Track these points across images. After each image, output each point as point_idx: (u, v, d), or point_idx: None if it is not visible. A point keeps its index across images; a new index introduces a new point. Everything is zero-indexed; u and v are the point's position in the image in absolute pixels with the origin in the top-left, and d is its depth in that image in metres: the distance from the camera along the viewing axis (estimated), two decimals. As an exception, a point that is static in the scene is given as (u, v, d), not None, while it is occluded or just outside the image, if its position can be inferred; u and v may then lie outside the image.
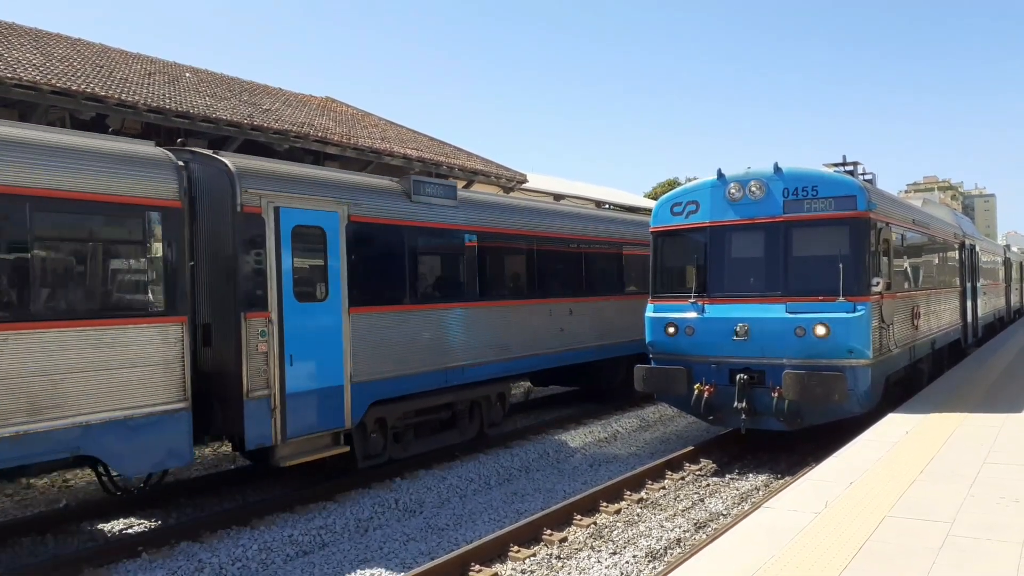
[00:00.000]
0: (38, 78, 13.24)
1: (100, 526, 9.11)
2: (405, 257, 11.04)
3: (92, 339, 7.39)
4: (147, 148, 8.40)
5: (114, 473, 8.63)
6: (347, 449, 10.00)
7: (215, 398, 8.78)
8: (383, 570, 7.90)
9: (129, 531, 9.00)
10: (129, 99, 14.36)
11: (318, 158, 18.17)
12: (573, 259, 15.31)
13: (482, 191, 18.91)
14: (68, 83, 13.77)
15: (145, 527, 9.09)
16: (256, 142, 16.60)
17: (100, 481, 9.01)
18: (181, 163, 8.46)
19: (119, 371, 7.56)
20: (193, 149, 9.54)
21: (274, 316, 8.98)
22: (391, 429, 10.92)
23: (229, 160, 9.08)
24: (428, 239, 11.63)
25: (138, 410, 7.69)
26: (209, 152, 9.40)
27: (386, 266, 10.83)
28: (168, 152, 8.52)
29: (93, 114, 14.16)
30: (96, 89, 14.13)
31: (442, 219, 11.85)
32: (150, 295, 8.02)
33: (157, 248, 8.03)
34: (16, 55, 14.64)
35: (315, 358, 9.43)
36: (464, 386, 12.08)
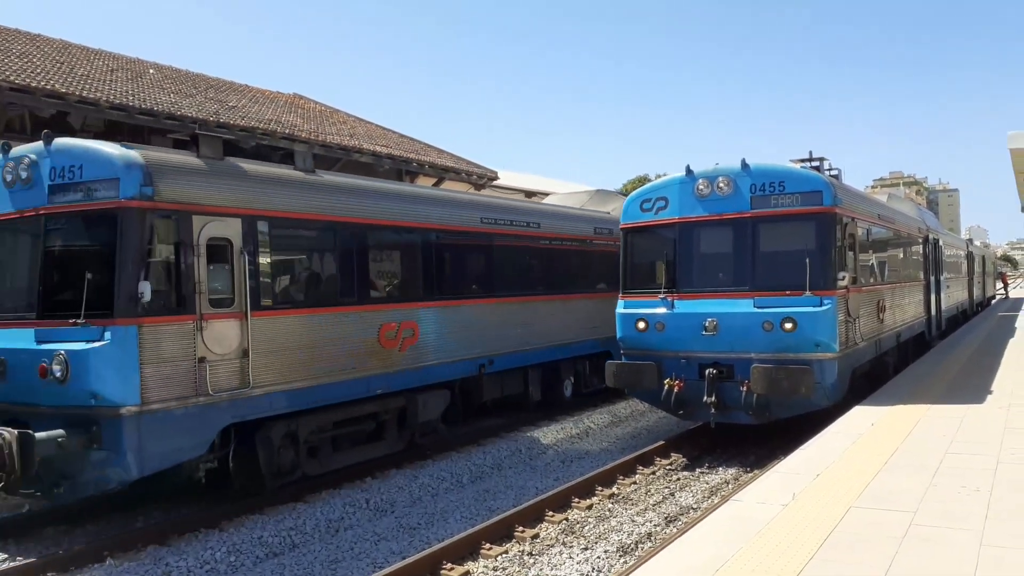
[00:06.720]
0: (-4, 74, 12.96)
1: (65, 531, 8.94)
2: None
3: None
4: None
5: None
6: None
7: None
8: (354, 570, 7.86)
9: (95, 536, 8.84)
10: (91, 96, 14.10)
11: (286, 156, 17.95)
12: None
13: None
14: (27, 80, 13.49)
15: (111, 532, 8.93)
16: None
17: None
18: None
19: None
20: None
21: None
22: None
23: None
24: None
25: None
26: None
27: None
28: None
29: (54, 112, 13.87)
30: (56, 86, 13.86)
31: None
32: None
33: None
34: (-27, 51, 14.31)
35: None
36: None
